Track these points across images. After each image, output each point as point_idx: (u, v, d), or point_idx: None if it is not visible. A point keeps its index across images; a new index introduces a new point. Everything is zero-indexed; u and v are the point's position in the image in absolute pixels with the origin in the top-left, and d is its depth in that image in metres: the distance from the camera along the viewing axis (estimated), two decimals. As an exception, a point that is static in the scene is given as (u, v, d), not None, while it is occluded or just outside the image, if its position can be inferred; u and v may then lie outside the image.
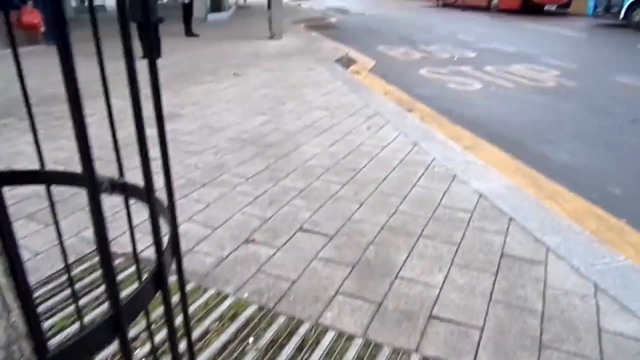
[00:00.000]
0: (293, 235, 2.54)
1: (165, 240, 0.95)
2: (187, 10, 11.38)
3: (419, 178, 3.24)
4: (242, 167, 3.46)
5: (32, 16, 8.70)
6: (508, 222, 2.66)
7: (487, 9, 20.56)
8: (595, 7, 15.56)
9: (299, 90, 5.88)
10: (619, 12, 14.64)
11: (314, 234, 2.54)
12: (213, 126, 4.46)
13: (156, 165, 0.77)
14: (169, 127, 4.41)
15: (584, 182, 3.80)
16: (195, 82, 6.38)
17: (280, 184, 3.16)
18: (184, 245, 2.44)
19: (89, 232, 2.50)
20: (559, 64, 8.54)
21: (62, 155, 3.68)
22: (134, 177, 1.02)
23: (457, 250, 2.38)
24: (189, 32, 11.40)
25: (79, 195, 2.81)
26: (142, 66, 0.67)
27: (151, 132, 0.72)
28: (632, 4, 14.22)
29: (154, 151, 0.81)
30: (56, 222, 1.27)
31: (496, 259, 2.31)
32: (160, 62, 7.90)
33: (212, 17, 15.20)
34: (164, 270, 0.87)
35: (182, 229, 2.62)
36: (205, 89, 5.99)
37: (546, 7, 18.94)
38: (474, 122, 5.25)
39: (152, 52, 0.86)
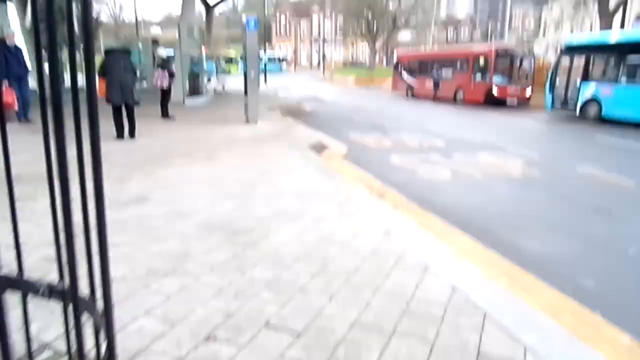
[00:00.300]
0: (258, 332, 2.36)
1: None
2: (164, 95, 11.65)
3: (391, 269, 3.16)
4: (209, 256, 3.31)
5: (7, 95, 8.74)
6: (483, 318, 2.56)
7: (453, 100, 21.87)
8: (553, 100, 16.73)
9: (271, 175, 5.89)
10: (575, 105, 15.75)
11: (281, 331, 2.38)
12: (182, 211, 4.35)
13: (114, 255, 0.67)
14: (135, 211, 4.28)
15: (556, 273, 3.77)
16: (167, 165, 6.33)
17: (247, 275, 3.01)
18: (137, 343, 2.24)
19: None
20: (523, 154, 8.92)
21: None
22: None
23: (431, 350, 2.25)
24: (165, 115, 11.59)
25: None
26: (114, 148, 0.60)
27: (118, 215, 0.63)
28: (586, 99, 15.35)
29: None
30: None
31: (473, 360, 2.19)
32: (133, 144, 7.91)
33: (190, 101, 15.58)
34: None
35: (138, 324, 2.41)
36: (177, 172, 5.94)
37: (508, 101, 20.25)
38: (445, 210, 5.30)
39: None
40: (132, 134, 8.44)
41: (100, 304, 0.96)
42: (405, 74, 26.68)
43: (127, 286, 2.81)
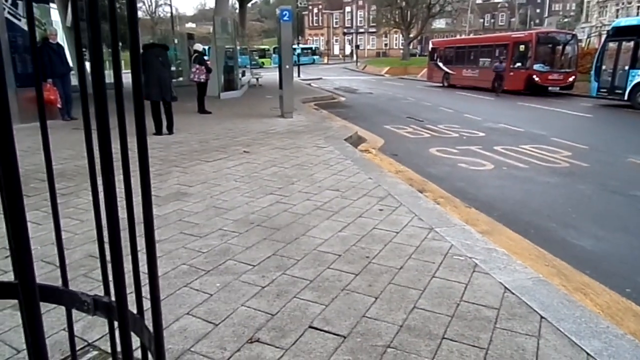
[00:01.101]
0: (302, 334, 2.29)
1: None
2: (201, 89, 11.75)
3: (438, 268, 3.02)
4: (248, 253, 3.27)
5: (50, 93, 8.99)
6: (539, 322, 2.40)
7: (492, 89, 21.19)
8: (599, 88, 15.94)
9: (308, 169, 5.82)
10: (623, 92, 14.97)
11: (325, 334, 2.30)
12: (220, 206, 4.34)
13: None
14: (174, 207, 4.30)
15: (613, 272, 3.55)
16: (205, 160, 6.36)
17: (288, 273, 2.95)
18: (181, 345, 2.21)
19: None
20: (569, 144, 8.52)
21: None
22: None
23: (485, 357, 2.12)
24: (202, 110, 11.69)
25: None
26: (153, 143, 0.52)
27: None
28: (636, 85, 14.54)
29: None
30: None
31: (531, 368, 2.05)
32: (171, 139, 8.00)
33: (226, 95, 15.70)
34: None
35: (181, 323, 2.39)
36: (214, 167, 5.95)
37: (550, 88, 19.48)
38: (489, 204, 5.09)
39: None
40: (170, 129, 8.53)
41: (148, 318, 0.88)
42: (441, 63, 26.06)
43: (169, 284, 2.80)
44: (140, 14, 52.38)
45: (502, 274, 2.96)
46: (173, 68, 18.65)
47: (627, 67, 14.97)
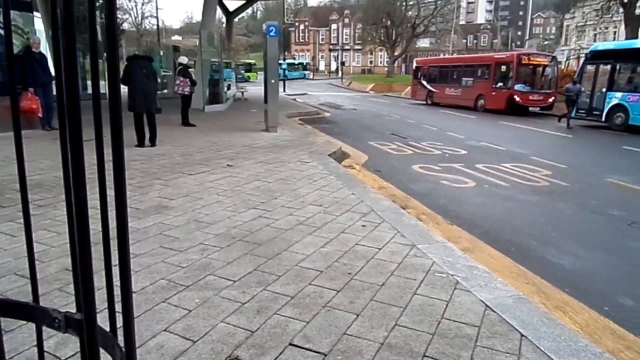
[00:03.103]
0: (282, 351, 2.25)
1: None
2: (185, 102, 11.70)
3: (419, 285, 3.02)
4: (229, 268, 3.22)
5: (32, 102, 8.86)
6: (520, 340, 2.40)
7: (474, 108, 21.56)
8: (578, 109, 16.34)
9: (292, 183, 5.80)
10: (601, 114, 15.36)
11: (306, 351, 2.26)
12: (202, 220, 4.28)
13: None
14: (154, 220, 4.23)
15: (592, 290, 3.59)
16: (187, 173, 6.30)
17: (269, 289, 2.91)
18: (157, 362, 2.15)
19: None
20: (549, 163, 8.67)
21: (37, 249, 3.44)
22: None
23: (466, 375, 2.11)
24: (186, 122, 11.63)
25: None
26: (135, 155, 0.50)
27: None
28: (613, 106, 14.96)
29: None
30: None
31: (511, 388, 2.04)
32: (154, 151, 7.92)
33: (210, 108, 15.66)
34: None
35: (158, 340, 2.33)
36: (197, 180, 5.89)
37: (530, 108, 19.89)
38: (471, 222, 5.13)
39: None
40: (152, 141, 8.45)
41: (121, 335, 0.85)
42: (425, 81, 26.46)
43: (146, 300, 2.73)
44: (126, 25, 52.28)
45: (483, 291, 2.97)
46: (158, 80, 18.59)
47: (604, 90, 15.39)
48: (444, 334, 2.45)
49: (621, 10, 25.54)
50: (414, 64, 29.06)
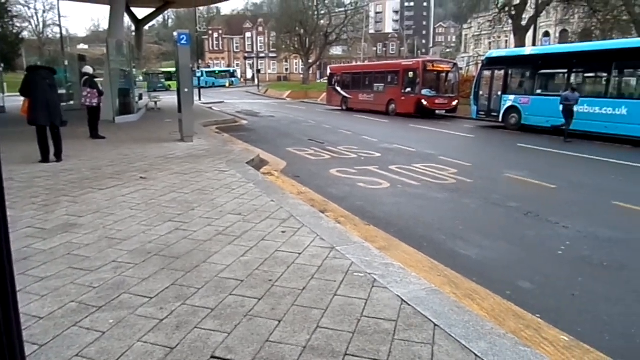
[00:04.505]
0: (203, 365, 2.21)
1: None
2: (93, 113, 11.05)
3: (339, 286, 3.10)
4: (145, 285, 3.10)
5: None
6: (433, 330, 2.56)
7: (386, 113, 22.50)
8: (478, 111, 17.72)
9: (209, 193, 5.69)
10: (498, 115, 16.76)
11: (228, 362, 2.24)
12: (114, 237, 4.07)
13: None
14: (62, 239, 3.96)
15: (495, 277, 3.90)
16: (97, 188, 5.94)
17: (188, 303, 2.84)
18: (67, 392, 2.01)
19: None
20: (455, 162, 9.28)
21: None
22: None
23: (385, 368, 2.21)
24: (94, 135, 10.98)
25: None
26: (39, 172, 0.49)
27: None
28: (508, 108, 16.39)
29: None
30: None
31: (426, 375, 2.16)
32: (60, 167, 7.39)
33: (121, 119, 14.89)
34: None
35: (67, 368, 2.18)
36: (107, 195, 5.58)
37: (437, 111, 21.15)
38: (386, 221, 5.35)
39: None
40: (58, 156, 7.87)
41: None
42: (339, 88, 27.15)
43: (55, 325, 2.55)
44: (26, 34, 48.29)
45: (399, 287, 3.12)
46: (63, 91, 17.39)
47: (499, 93, 16.80)
48: (364, 331, 2.54)
49: (510, 21, 28.07)
50: (329, 71, 29.72)
